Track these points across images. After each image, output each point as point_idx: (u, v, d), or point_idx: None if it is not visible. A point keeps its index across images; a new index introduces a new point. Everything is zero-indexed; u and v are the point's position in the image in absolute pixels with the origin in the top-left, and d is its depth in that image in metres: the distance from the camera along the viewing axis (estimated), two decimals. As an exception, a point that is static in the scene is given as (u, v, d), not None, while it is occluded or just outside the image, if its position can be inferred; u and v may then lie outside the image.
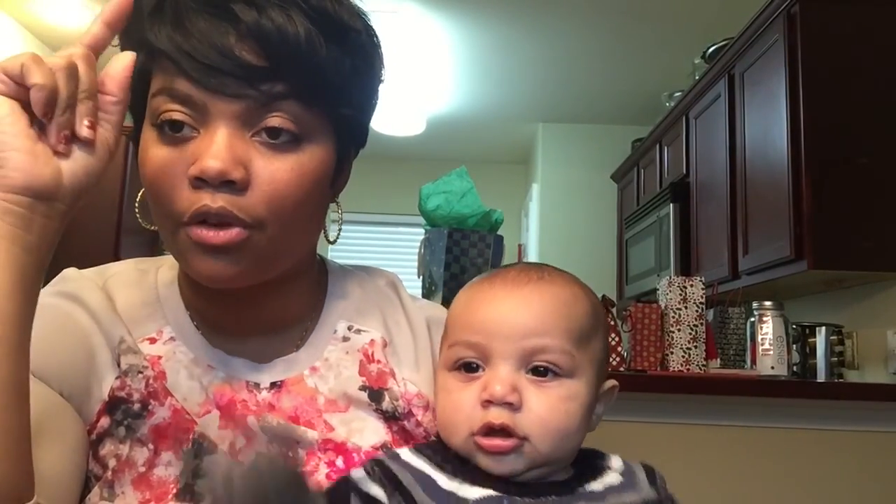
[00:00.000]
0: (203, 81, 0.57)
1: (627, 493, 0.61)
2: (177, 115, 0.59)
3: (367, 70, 0.66)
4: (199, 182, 0.57)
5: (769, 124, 2.53)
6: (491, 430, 0.58)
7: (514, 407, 0.58)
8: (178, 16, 0.58)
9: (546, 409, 0.59)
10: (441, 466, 0.60)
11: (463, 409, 0.60)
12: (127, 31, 0.60)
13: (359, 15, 0.65)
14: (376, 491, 0.58)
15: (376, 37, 0.67)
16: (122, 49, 0.61)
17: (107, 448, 0.61)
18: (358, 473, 0.60)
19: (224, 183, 0.57)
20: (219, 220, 0.58)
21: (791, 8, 2.40)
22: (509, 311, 0.61)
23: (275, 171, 0.59)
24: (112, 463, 0.60)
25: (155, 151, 0.60)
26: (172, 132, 0.59)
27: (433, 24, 3.64)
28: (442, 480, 0.58)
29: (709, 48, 3.21)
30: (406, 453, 0.62)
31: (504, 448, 0.58)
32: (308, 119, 0.61)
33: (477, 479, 0.58)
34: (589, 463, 0.63)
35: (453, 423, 0.60)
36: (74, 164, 0.52)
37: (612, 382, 0.66)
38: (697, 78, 3.26)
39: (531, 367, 0.60)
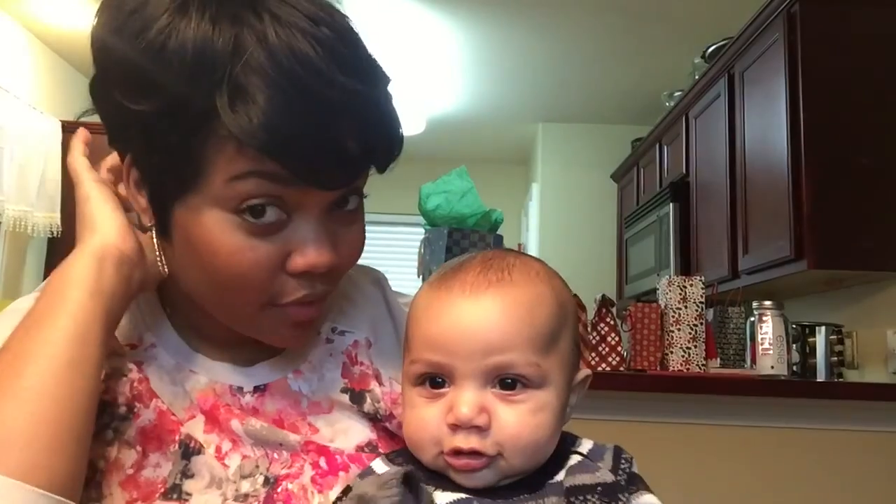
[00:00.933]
0: (310, 180, 0.55)
1: (581, 474, 0.58)
2: (269, 210, 0.56)
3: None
4: (304, 273, 0.58)
5: (769, 124, 2.53)
6: (461, 452, 0.56)
7: (482, 429, 0.56)
8: (274, 104, 0.52)
9: (516, 425, 0.56)
10: None
11: (429, 427, 0.58)
12: (192, 91, 0.53)
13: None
14: None
15: None
16: (192, 113, 0.53)
17: (95, 452, 0.61)
18: None
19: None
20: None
21: (791, 7, 2.40)
22: (469, 326, 0.58)
23: (351, 239, 0.62)
24: (101, 464, 0.60)
25: (241, 241, 0.56)
26: (262, 221, 0.56)
27: (434, 24, 3.63)
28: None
29: (709, 48, 3.21)
30: (378, 464, 0.61)
31: (475, 466, 0.56)
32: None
33: (448, 486, 0.57)
34: (558, 450, 0.61)
35: (420, 440, 0.59)
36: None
37: (585, 373, 0.64)
38: (697, 78, 3.26)
39: (498, 380, 0.57)
